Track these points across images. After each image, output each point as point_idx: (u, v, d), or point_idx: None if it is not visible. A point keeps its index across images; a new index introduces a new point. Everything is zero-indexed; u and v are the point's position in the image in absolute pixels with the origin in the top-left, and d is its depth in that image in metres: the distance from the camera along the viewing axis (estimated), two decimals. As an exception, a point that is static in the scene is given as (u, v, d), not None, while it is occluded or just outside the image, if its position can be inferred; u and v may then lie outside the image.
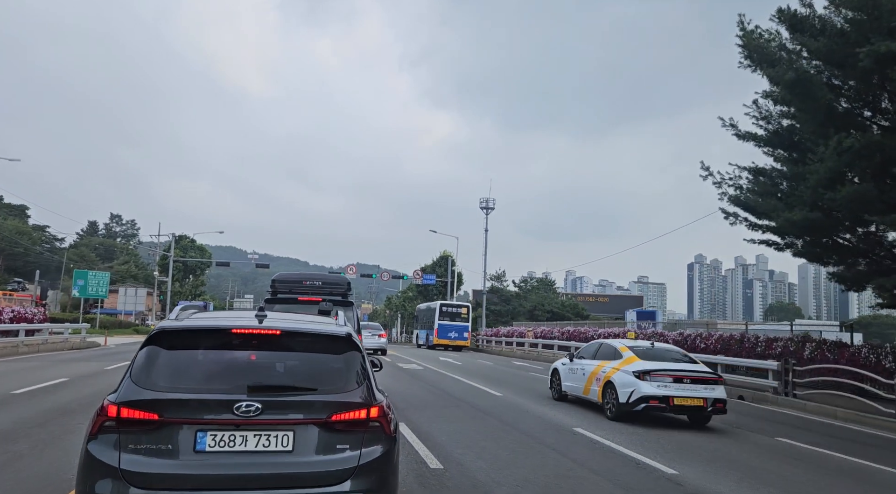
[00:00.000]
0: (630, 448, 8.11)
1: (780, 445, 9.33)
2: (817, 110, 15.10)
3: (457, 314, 41.96)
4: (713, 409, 10.71)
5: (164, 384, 3.58)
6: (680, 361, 11.71)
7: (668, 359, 11.68)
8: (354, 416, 3.68)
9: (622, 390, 10.92)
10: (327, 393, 3.71)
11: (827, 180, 14.33)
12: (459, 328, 41.21)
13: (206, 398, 3.53)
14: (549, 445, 8.14)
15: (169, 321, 4.08)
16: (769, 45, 16.46)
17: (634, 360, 11.40)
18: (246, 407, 3.49)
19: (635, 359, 11.42)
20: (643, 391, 10.62)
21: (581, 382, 12.70)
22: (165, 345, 3.79)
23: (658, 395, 10.58)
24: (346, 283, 12.75)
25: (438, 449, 7.47)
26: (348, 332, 4.13)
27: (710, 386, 10.92)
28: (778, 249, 18.16)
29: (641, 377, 10.80)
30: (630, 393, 10.74)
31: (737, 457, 8.12)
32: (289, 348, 3.93)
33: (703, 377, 11.02)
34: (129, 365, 3.74)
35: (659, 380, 10.73)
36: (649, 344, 12.70)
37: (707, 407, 10.68)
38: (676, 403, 10.59)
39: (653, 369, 10.90)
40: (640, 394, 10.62)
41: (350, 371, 3.92)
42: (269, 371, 3.86)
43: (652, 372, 10.82)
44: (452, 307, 42.97)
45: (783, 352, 17.20)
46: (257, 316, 4.10)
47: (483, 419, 10.24)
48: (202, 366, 3.77)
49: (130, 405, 3.45)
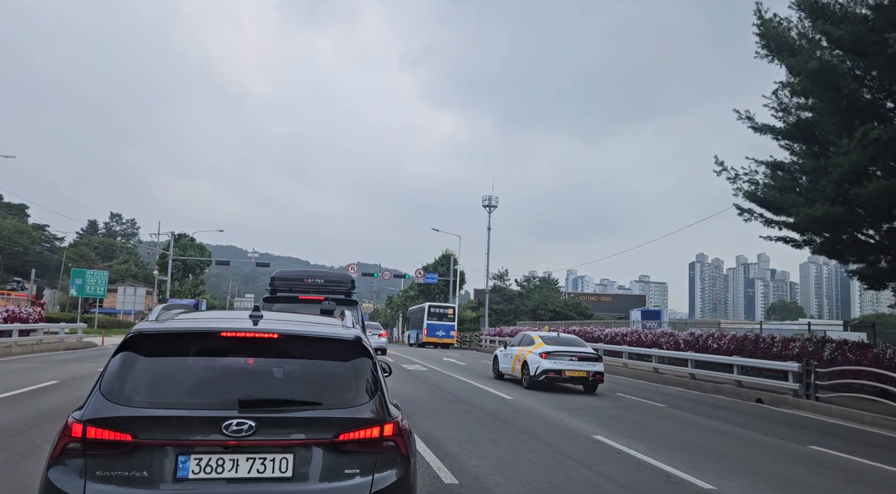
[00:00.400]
0: (660, 460, 7.51)
1: (813, 454, 8.72)
2: (840, 101, 14.49)
3: (444, 315, 44.71)
4: (593, 379, 15.20)
5: (141, 398, 2.99)
6: (575, 346, 16.12)
7: (566, 345, 16.10)
8: (366, 435, 3.09)
9: (532, 366, 15.43)
10: (333, 408, 3.11)
11: (851, 174, 13.73)
12: (446, 327, 43.96)
13: (189, 415, 2.94)
14: (570, 455, 7.54)
15: (148, 323, 3.45)
16: (788, 34, 15.86)
17: (542, 345, 15.83)
18: (237, 425, 2.90)
19: (542, 344, 15.89)
20: (544, 366, 15.15)
21: (510, 363, 17.05)
22: (143, 351, 3.19)
23: (554, 369, 15.08)
24: (349, 281, 12.14)
25: (451, 461, 6.87)
26: (357, 335, 3.52)
27: (592, 363, 15.41)
28: (795, 245, 17.56)
29: (544, 356, 15.27)
30: (536, 368, 15.24)
31: (773, 469, 7.51)
32: (288, 354, 3.33)
33: (587, 357, 15.53)
34: (100, 375, 3.14)
35: (556, 359, 15.22)
36: (556, 335, 17.58)
37: (589, 378, 15.17)
38: (567, 374, 15.09)
39: (551, 350, 15.41)
40: (542, 368, 15.15)
41: (360, 381, 3.31)
42: (265, 382, 3.26)
43: (551, 353, 15.33)
44: (440, 308, 45.78)
45: (801, 353, 16.59)
46: (252, 317, 3.51)
47: (495, 425, 9.65)
48: (186, 377, 3.17)
49: (99, 424, 2.86)
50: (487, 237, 54.48)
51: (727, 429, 10.49)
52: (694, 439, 9.31)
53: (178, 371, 3.18)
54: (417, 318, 47.27)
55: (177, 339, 3.31)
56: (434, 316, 44.23)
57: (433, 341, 43.12)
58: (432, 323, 43.80)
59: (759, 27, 16.30)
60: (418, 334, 45.35)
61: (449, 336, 43.72)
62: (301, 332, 3.46)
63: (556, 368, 15.02)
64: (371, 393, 3.26)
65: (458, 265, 57.99)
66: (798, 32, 15.75)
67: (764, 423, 11.58)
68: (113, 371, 3.09)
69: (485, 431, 9.02)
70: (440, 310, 45.26)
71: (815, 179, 15.43)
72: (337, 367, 3.35)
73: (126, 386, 3.02)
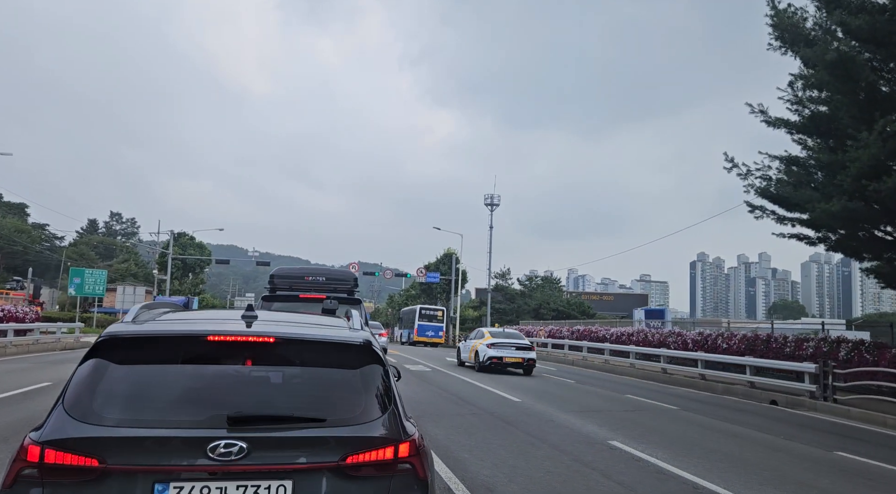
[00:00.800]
0: (683, 468, 7.06)
1: (841, 461, 8.27)
2: (857, 93, 14.04)
3: (433, 316, 48.23)
4: (527, 364, 19.77)
5: (111, 414, 2.52)
6: (515, 339, 20.85)
7: (508, 338, 20.81)
8: (378, 457, 2.62)
9: (481, 354, 20.24)
10: (340, 425, 2.64)
11: (869, 168, 13.27)
12: (435, 328, 47.37)
13: (169, 436, 2.48)
14: (586, 462, 7.09)
15: (122, 325, 2.95)
16: (803, 25, 15.39)
17: (489, 338, 20.66)
18: (225, 448, 2.44)
19: (490, 338, 20.74)
20: (490, 354, 19.88)
21: (468, 353, 21.82)
22: (115, 358, 2.71)
23: (497, 356, 19.74)
24: (352, 278, 11.67)
25: (463, 471, 6.43)
26: (366, 339, 3.06)
27: (526, 351, 20.03)
28: (809, 243, 17.10)
29: (490, 347, 20.05)
30: (484, 356, 20.02)
31: (803, 478, 7.06)
32: (286, 361, 2.87)
33: (523, 347, 20.21)
34: (64, 387, 2.67)
35: (499, 349, 19.91)
36: (501, 330, 23.39)
37: (524, 363, 19.74)
38: (506, 360, 19.70)
39: (496, 342, 20.15)
40: (488, 356, 19.88)
41: (370, 393, 2.83)
42: (259, 395, 2.78)
43: (496, 344, 20.08)
44: (430, 310, 49.39)
45: (815, 353, 16.15)
46: (245, 318, 3.04)
47: (506, 429, 9.20)
48: (165, 389, 2.68)
49: (60, 446, 2.40)
50: (490, 236, 54.04)
51: (747, 433, 10.04)
52: (714, 444, 8.86)
53: (156, 383, 2.70)
54: (409, 318, 50.22)
55: (155, 344, 2.83)
56: (425, 318, 47.52)
57: (423, 340, 46.18)
58: (423, 324, 46.91)
59: (773, 18, 15.84)
60: (410, 333, 48.24)
61: (437, 336, 46.63)
62: (302, 335, 2.98)
63: (499, 355, 19.78)
64: (383, 407, 2.80)
65: (459, 264, 57.51)
66: (813, 23, 15.29)
67: (783, 427, 11.13)
68: (79, 382, 2.62)
69: (495, 436, 8.57)
70: (430, 312, 48.74)
71: (831, 174, 14.98)
72: (343, 376, 2.88)
73: (94, 400, 2.55)
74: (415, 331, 46.93)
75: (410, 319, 49.60)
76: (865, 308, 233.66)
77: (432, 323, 47.35)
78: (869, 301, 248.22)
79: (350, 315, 3.64)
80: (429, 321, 47.37)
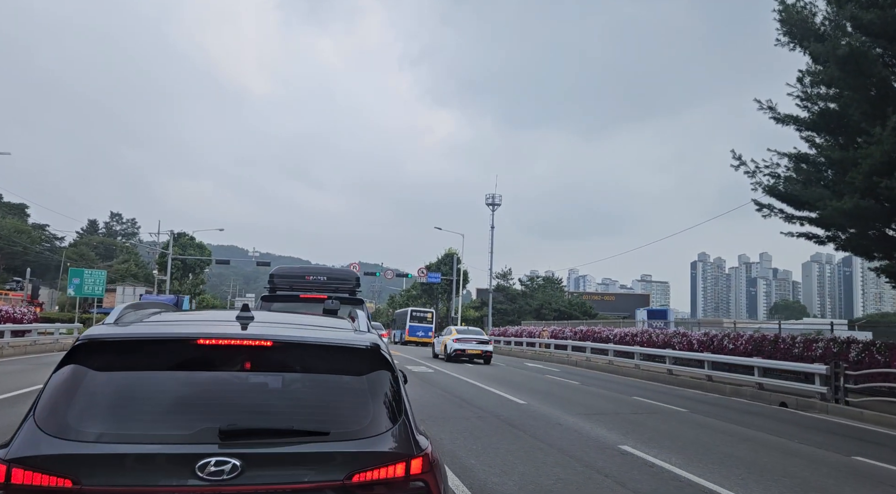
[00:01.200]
0: (699, 475, 6.78)
1: (862, 467, 7.98)
2: (869, 89, 13.75)
3: (423, 318, 51.38)
4: (485, 355, 25.14)
5: (89, 428, 2.24)
6: (476, 335, 26.20)
7: (471, 334, 26.11)
8: (387, 474, 2.34)
9: (449, 347, 25.19)
10: (345, 439, 2.36)
11: (882, 165, 12.99)
12: (425, 329, 50.16)
13: (153, 453, 2.21)
14: (598, 469, 6.82)
15: (103, 327, 2.67)
16: (812, 20, 15.12)
17: (455, 334, 25.79)
18: (216, 466, 2.17)
19: (455, 334, 25.84)
20: (455, 347, 24.86)
21: (440, 347, 26.72)
22: (95, 364, 2.43)
23: (460, 349, 24.73)
24: (354, 278, 11.39)
25: (471, 478, 6.16)
26: (374, 342, 2.76)
27: (484, 345, 25.42)
28: (818, 242, 16.81)
29: (455, 341, 25.03)
30: (451, 348, 24.92)
31: (825, 486, 6.78)
32: (285, 367, 2.59)
33: (482, 341, 25.61)
34: (36, 397, 2.39)
35: (462, 343, 24.92)
36: (465, 328, 28.98)
37: (482, 354, 25.08)
38: (468, 352, 24.84)
39: (459, 337, 25.32)
40: (453, 349, 24.84)
41: (378, 402, 2.54)
42: (255, 406, 2.48)
43: (460, 339, 25.15)
44: (420, 312, 52.67)
45: (825, 354, 15.86)
46: (240, 319, 2.77)
47: (512, 433, 8.93)
48: (150, 400, 2.40)
49: (29, 465, 2.12)
50: (491, 236, 53.79)
51: (760, 437, 9.75)
52: (728, 449, 8.58)
53: (140, 392, 2.43)
54: (402, 320, 53.52)
55: (139, 348, 2.55)
56: (415, 319, 50.72)
57: (414, 339, 49.00)
58: (413, 325, 49.95)
59: (781, 13, 15.57)
60: (402, 333, 51.17)
61: (427, 336, 48.65)
62: (302, 338, 2.70)
63: (462, 348, 24.77)
64: (393, 418, 2.51)
65: (461, 264, 57.25)
66: (823, 18, 15.01)
67: (796, 430, 10.85)
68: (54, 392, 2.34)
69: (501, 440, 8.30)
70: (420, 314, 52.02)
71: (841, 172, 14.70)
72: (348, 384, 2.60)
73: (70, 412, 2.27)
74: (406, 331, 49.80)
75: (402, 320, 52.71)
76: (867, 308, 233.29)
77: (422, 324, 50.22)
78: (870, 301, 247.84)
79: (354, 316, 3.35)
80: (419, 323, 50.27)
